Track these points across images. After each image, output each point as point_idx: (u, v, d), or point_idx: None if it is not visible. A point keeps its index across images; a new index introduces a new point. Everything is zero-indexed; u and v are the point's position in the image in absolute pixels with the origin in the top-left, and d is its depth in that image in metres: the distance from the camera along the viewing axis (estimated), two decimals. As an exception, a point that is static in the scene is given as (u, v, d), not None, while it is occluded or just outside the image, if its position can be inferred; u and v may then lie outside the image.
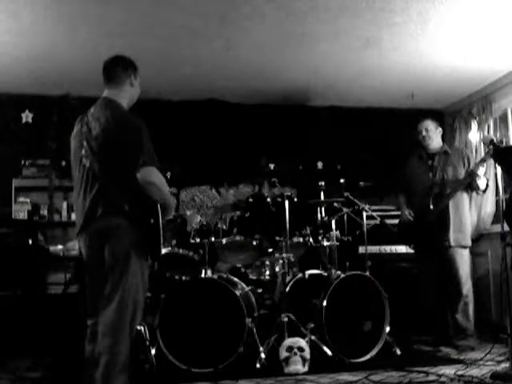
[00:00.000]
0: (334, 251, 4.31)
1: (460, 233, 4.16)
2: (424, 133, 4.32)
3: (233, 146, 5.63)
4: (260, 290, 4.30)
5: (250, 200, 4.42)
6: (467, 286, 4.13)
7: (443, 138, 4.52)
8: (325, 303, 3.79)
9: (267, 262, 4.31)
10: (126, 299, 2.53)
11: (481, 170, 4.03)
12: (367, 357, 3.80)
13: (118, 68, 2.78)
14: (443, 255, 4.15)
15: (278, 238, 4.14)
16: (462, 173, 4.22)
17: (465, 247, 4.21)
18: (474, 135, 5.35)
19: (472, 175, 4.06)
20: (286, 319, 3.80)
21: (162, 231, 2.61)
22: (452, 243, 4.11)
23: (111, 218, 2.54)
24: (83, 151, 2.62)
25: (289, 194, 4.23)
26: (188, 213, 4.60)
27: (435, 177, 4.25)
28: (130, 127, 2.60)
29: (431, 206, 4.14)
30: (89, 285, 2.67)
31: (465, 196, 4.28)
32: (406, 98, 5.56)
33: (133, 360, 2.60)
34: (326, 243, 4.32)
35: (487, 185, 4.21)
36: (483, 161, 4.03)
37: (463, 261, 4.15)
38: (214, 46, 4.29)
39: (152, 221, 2.58)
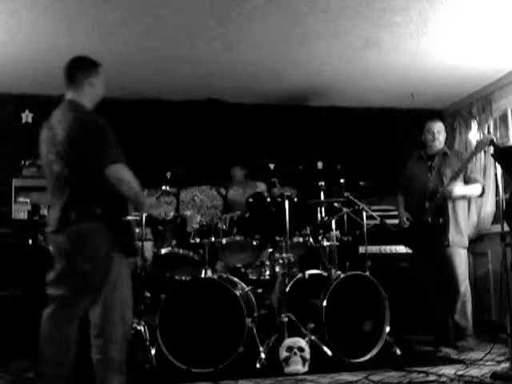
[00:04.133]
0: (334, 251, 4.31)
1: (457, 234, 4.16)
2: (436, 134, 4.31)
3: (233, 146, 5.63)
4: (260, 290, 4.30)
5: (250, 200, 4.42)
6: (464, 285, 4.13)
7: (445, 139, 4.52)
8: (325, 303, 3.79)
9: (267, 262, 4.31)
10: (112, 300, 2.54)
11: (450, 190, 4.03)
12: (367, 357, 3.80)
13: (76, 69, 2.76)
14: (441, 254, 4.15)
15: (277, 238, 4.14)
16: None
17: (462, 247, 4.22)
18: (474, 135, 5.36)
19: (459, 173, 4.06)
20: (285, 319, 3.80)
21: (133, 227, 2.66)
22: (450, 243, 4.12)
23: (84, 224, 2.54)
24: (52, 157, 2.62)
25: (289, 194, 4.23)
26: (188, 213, 4.60)
27: (432, 177, 4.25)
28: (91, 127, 2.59)
29: (427, 205, 4.15)
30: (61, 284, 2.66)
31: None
32: (406, 97, 5.56)
33: (132, 360, 2.61)
34: (325, 243, 4.32)
35: (483, 189, 4.21)
36: (470, 158, 4.03)
37: (460, 259, 4.15)
38: (214, 46, 4.29)
39: (125, 218, 2.60)
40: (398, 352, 3.91)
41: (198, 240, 4.07)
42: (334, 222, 4.35)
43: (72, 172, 2.56)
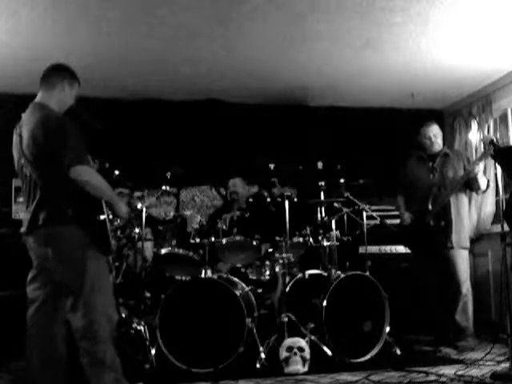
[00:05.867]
0: (334, 251, 4.32)
1: (460, 235, 4.17)
2: (433, 139, 4.31)
3: (233, 145, 5.63)
4: (260, 290, 4.30)
5: (250, 200, 4.42)
6: (466, 285, 4.14)
7: (443, 138, 4.51)
8: (325, 303, 3.79)
9: (267, 262, 4.31)
10: (92, 302, 2.53)
11: (477, 169, 4.01)
12: (367, 357, 3.81)
13: (51, 73, 2.79)
14: (443, 255, 4.15)
15: (277, 238, 4.14)
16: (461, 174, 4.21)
17: (464, 248, 4.21)
18: (474, 135, 5.35)
19: (469, 174, 4.06)
20: (285, 319, 3.80)
21: (108, 225, 2.64)
22: (453, 245, 4.11)
23: (53, 227, 2.52)
24: (22, 160, 2.62)
25: (289, 194, 4.23)
26: (188, 213, 4.60)
27: (435, 178, 4.25)
28: (52, 128, 2.56)
29: (430, 207, 4.15)
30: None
31: (464, 198, 4.28)
32: (406, 97, 5.56)
33: (132, 360, 2.60)
34: (325, 243, 4.32)
35: (488, 184, 4.20)
36: (480, 160, 4.02)
37: (462, 260, 4.16)
38: (214, 45, 4.29)
39: (101, 217, 2.59)
40: (398, 352, 3.91)
41: (198, 240, 4.07)
42: (333, 221, 4.35)
43: (41, 174, 2.56)
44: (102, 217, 2.61)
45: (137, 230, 3.98)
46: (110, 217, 2.76)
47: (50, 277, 2.59)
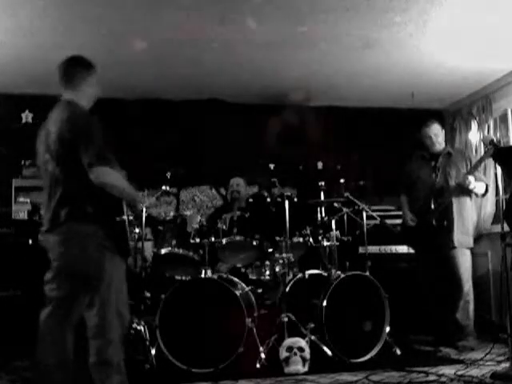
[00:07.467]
0: (334, 251, 4.31)
1: (463, 235, 4.16)
2: (433, 138, 4.29)
3: (233, 145, 5.63)
4: (260, 290, 4.30)
5: (250, 200, 4.41)
6: (468, 285, 4.13)
7: (444, 138, 4.51)
8: (325, 303, 3.79)
9: (267, 262, 4.30)
10: (108, 301, 2.53)
11: (468, 181, 4.00)
12: (367, 357, 3.80)
13: (74, 69, 2.75)
14: (445, 255, 4.15)
15: (278, 238, 4.14)
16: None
17: (467, 247, 4.21)
18: (474, 135, 5.35)
19: (462, 186, 4.06)
20: (285, 319, 3.80)
21: (127, 226, 2.64)
22: (456, 244, 4.11)
23: (74, 224, 2.52)
24: (47, 156, 2.62)
25: (289, 194, 4.23)
26: (188, 213, 4.60)
27: (438, 178, 4.25)
28: (79, 126, 2.56)
29: (432, 206, 4.15)
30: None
31: (467, 198, 4.27)
32: (406, 97, 5.56)
33: (132, 360, 2.59)
34: (325, 243, 4.31)
35: (487, 188, 4.20)
36: (479, 164, 4.02)
37: (465, 260, 4.15)
38: (214, 45, 4.29)
39: (119, 218, 2.59)
40: (398, 352, 3.90)
41: (198, 240, 4.07)
42: (333, 221, 4.35)
43: (63, 171, 2.55)
44: (122, 217, 2.61)
45: (137, 230, 3.98)
46: (131, 218, 2.75)
47: (68, 276, 2.57)
